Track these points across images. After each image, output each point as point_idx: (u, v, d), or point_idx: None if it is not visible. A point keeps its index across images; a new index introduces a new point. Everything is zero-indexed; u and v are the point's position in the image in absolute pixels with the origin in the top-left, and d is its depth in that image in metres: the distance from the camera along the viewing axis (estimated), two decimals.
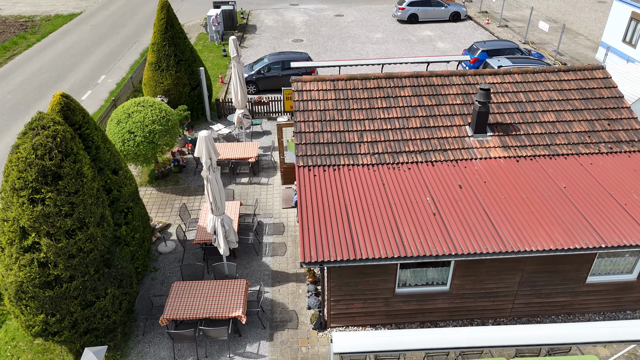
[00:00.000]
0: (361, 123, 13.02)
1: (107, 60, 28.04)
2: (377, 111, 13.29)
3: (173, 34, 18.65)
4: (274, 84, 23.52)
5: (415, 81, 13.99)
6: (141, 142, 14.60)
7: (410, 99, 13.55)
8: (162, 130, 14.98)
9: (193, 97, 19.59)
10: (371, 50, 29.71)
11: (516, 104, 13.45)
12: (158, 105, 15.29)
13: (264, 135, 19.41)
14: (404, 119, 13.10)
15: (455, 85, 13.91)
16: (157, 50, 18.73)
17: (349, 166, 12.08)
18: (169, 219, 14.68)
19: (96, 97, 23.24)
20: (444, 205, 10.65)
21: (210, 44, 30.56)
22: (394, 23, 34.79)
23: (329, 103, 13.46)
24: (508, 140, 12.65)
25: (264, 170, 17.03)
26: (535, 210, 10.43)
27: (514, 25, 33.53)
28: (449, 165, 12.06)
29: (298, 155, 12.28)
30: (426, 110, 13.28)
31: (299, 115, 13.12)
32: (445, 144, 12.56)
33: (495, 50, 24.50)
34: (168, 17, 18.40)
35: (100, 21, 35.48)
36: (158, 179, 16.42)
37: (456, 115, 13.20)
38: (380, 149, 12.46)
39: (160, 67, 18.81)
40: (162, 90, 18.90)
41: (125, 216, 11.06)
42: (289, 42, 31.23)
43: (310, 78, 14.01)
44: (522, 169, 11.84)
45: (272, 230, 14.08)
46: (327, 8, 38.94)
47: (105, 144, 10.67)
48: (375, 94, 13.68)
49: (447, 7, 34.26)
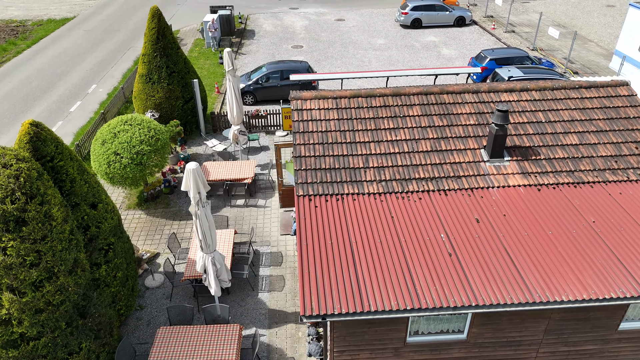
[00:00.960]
0: (366, 146, 11.92)
1: (98, 68, 26.93)
2: (383, 133, 12.19)
3: (165, 44, 17.54)
4: (272, 94, 22.42)
5: (424, 99, 12.89)
6: (128, 164, 13.50)
7: (420, 119, 12.45)
8: (151, 150, 13.87)
9: (186, 110, 18.49)
10: (373, 57, 28.64)
11: (535, 124, 12.36)
12: (147, 124, 14.19)
13: (261, 151, 18.31)
14: (413, 142, 12.00)
15: (468, 103, 12.82)
16: (147, 61, 17.63)
17: (354, 195, 10.98)
18: (157, 247, 13.57)
19: (85, 108, 22.13)
20: (460, 243, 9.55)
21: (206, 50, 29.46)
22: (397, 28, 33.71)
23: (331, 123, 12.36)
24: (527, 165, 11.55)
25: (261, 191, 15.93)
26: (562, 250, 9.33)
27: (521, 30, 32.44)
28: (463, 194, 10.96)
29: (297, 182, 11.18)
30: (437, 132, 12.18)
31: (298, 138, 12.02)
32: (459, 170, 11.46)
33: (504, 58, 23.40)
34: (159, 26, 17.30)
35: (94, 26, 34.37)
36: (147, 201, 15.31)
37: (470, 138, 12.10)
38: (387, 175, 11.36)
39: (151, 79, 17.71)
40: (153, 104, 17.79)
41: (105, 254, 9.96)
42: (288, 49, 30.15)
43: (310, 95, 12.91)
44: (544, 199, 10.74)
45: (269, 260, 12.98)
46: (328, 12, 37.86)
47: (83, 176, 9.57)
48: (382, 113, 12.58)
49: (452, 11, 33.18)
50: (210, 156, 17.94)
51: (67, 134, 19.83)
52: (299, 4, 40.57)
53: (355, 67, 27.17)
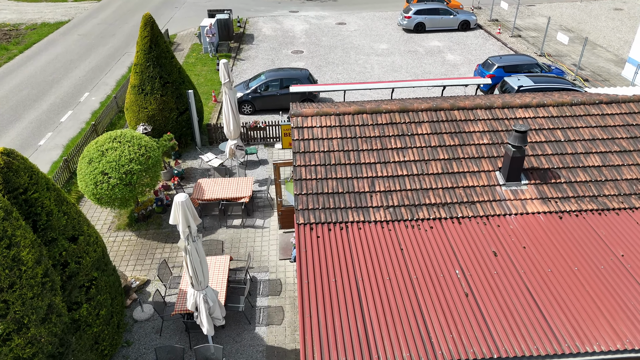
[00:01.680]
0: (372, 168, 11.04)
1: (92, 74, 26.04)
2: (390, 153, 11.31)
3: (158, 54, 16.66)
4: (271, 104, 21.55)
5: (434, 115, 12.01)
6: (116, 185, 12.61)
7: (430, 138, 11.57)
8: (142, 169, 12.98)
9: (181, 122, 17.60)
10: (376, 63, 27.76)
11: (553, 143, 11.48)
12: (137, 141, 13.30)
13: (259, 166, 17.42)
14: (423, 163, 11.12)
15: (481, 120, 11.94)
16: (140, 71, 16.74)
17: (359, 223, 10.10)
18: (148, 273, 12.69)
19: (77, 118, 21.25)
20: (477, 281, 8.67)
21: (204, 56, 28.59)
22: (400, 32, 32.83)
23: (334, 143, 11.48)
24: (547, 190, 10.67)
25: (260, 209, 15.04)
26: (591, 289, 8.45)
27: (527, 35, 31.56)
28: (478, 222, 10.07)
29: (298, 209, 10.30)
30: (448, 152, 11.30)
31: (298, 159, 11.14)
32: (473, 195, 10.58)
33: (513, 66, 22.51)
34: (152, 34, 16.41)
35: (88, 30, 33.49)
36: (139, 221, 14.43)
37: (484, 159, 11.22)
38: (395, 200, 10.48)
39: (143, 90, 16.82)
40: (145, 116, 16.90)
41: (87, 291, 9.08)
42: (288, 54, 29.27)
43: (311, 112, 12.03)
44: (567, 228, 9.86)
45: (267, 289, 12.09)
46: (329, 15, 36.98)
47: (61, 207, 8.68)
48: (388, 131, 11.70)
49: (456, 15, 32.30)
50: (206, 171, 17.06)
51: (57, 146, 18.95)
52: (299, 6, 39.72)
53: (357, 74, 26.30)
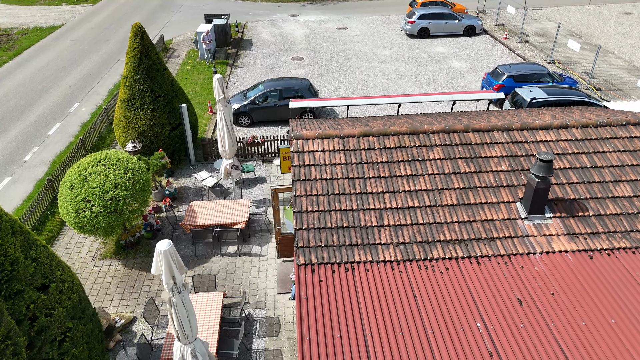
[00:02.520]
0: (380, 198, 10.01)
1: (83, 83, 25.00)
2: (400, 181, 10.28)
3: (149, 66, 15.62)
4: (270, 115, 20.51)
5: (447, 138, 10.98)
6: (100, 213, 11.57)
7: (443, 164, 10.54)
8: (128, 195, 11.95)
9: (174, 138, 16.56)
10: (379, 70, 26.73)
11: (579, 170, 10.44)
12: (123, 164, 12.26)
13: (257, 184, 16.38)
14: (436, 193, 10.09)
15: (499, 144, 10.90)
16: (129, 85, 15.70)
17: (367, 264, 9.06)
18: (135, 309, 11.65)
19: (65, 131, 20.21)
20: (501, 336, 7.64)
21: (200, 62, 27.56)
22: (403, 37, 31.80)
23: (338, 169, 10.45)
24: (574, 224, 9.63)
25: (257, 234, 14.00)
26: (632, 348, 7.42)
27: (535, 40, 30.53)
28: (499, 263, 9.04)
29: (298, 247, 9.26)
30: (463, 180, 10.27)
31: (299, 188, 10.10)
32: (492, 230, 9.54)
33: (523, 75, 21.47)
34: (142, 46, 15.37)
35: (81, 35, 32.45)
36: (126, 248, 13.39)
37: (502, 188, 10.18)
38: (406, 236, 9.44)
39: (133, 104, 15.78)
40: (135, 132, 15.86)
41: (60, 345, 8.04)
42: (287, 60, 28.25)
43: (313, 134, 10.99)
44: (598, 270, 8.82)
45: (264, 328, 11.05)
46: (329, 20, 35.95)
47: (29, 252, 7.65)
48: (397, 156, 10.67)
49: (461, 20, 31.27)
50: (199, 190, 16.02)
51: (42, 162, 17.90)
52: (299, 10, 38.69)
53: (360, 82, 25.27)
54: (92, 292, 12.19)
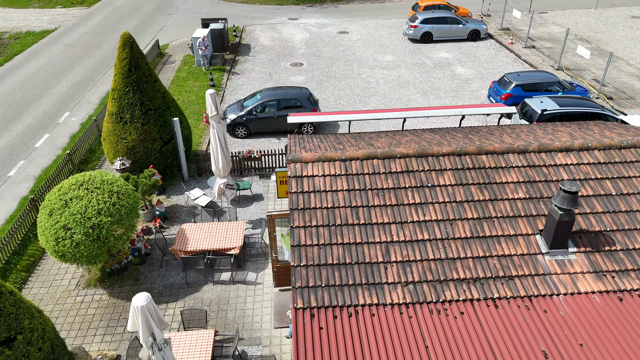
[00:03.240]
0: (386, 230, 9.11)
1: (74, 90, 24.09)
2: (407, 210, 9.38)
3: (138, 78, 14.72)
4: (268, 126, 19.61)
5: (458, 162, 10.09)
6: (81, 242, 10.67)
7: (454, 191, 9.64)
8: (113, 222, 11.04)
9: (165, 153, 15.66)
10: (381, 77, 25.84)
11: (603, 198, 9.55)
12: (108, 186, 11.36)
13: (253, 202, 15.48)
14: (447, 224, 9.19)
15: (515, 168, 10.01)
16: (118, 97, 14.80)
17: (372, 307, 8.16)
18: (119, 345, 10.75)
19: (53, 143, 19.30)
20: None
21: (196, 69, 26.65)
22: (405, 42, 30.90)
23: (340, 197, 9.55)
24: (600, 260, 8.73)
25: (252, 259, 13.11)
26: None
27: (541, 45, 29.63)
28: (519, 306, 8.14)
29: (295, 287, 8.37)
30: (477, 209, 9.37)
31: (297, 218, 9.21)
32: (510, 267, 8.64)
33: (532, 84, 20.58)
34: (132, 56, 14.47)
35: (75, 40, 31.55)
36: (113, 275, 12.49)
37: (520, 218, 9.29)
38: (415, 274, 8.55)
39: (122, 118, 14.88)
40: (124, 147, 14.96)
41: None
42: (286, 67, 27.35)
43: (312, 157, 10.10)
44: (630, 315, 7.93)
45: None
46: (330, 23, 35.04)
47: None
48: (404, 182, 9.77)
49: (466, 24, 30.37)
50: (192, 209, 15.12)
51: (28, 178, 17.00)
52: (298, 13, 37.79)
53: (361, 89, 24.38)
54: (73, 325, 11.28)
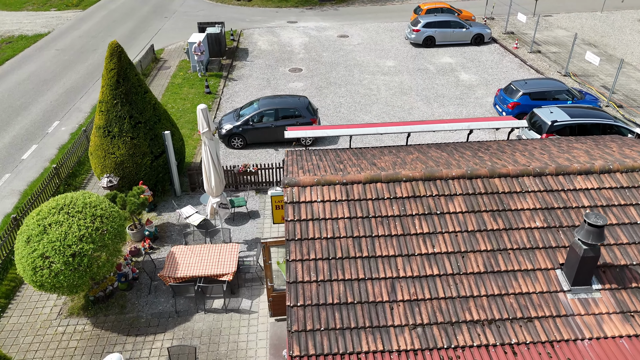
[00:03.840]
0: (392, 264, 8.31)
1: (65, 98, 23.28)
2: (415, 241, 8.58)
3: (127, 89, 13.91)
4: (265, 137, 18.82)
5: (469, 186, 9.28)
6: (61, 271, 9.86)
7: (465, 219, 8.84)
8: (95, 249, 10.23)
9: (156, 167, 14.85)
10: (382, 83, 25.03)
11: (628, 227, 8.74)
12: (90, 210, 10.55)
13: (249, 220, 14.67)
14: (458, 257, 8.39)
15: (531, 193, 9.20)
16: (106, 110, 14.00)
17: (377, 355, 7.36)
18: None
19: (41, 154, 18.49)
20: None
21: (192, 75, 25.84)
22: (407, 47, 30.09)
23: (341, 226, 8.75)
24: (627, 299, 7.93)
25: (247, 283, 12.31)
26: None
27: (547, 50, 28.82)
28: (541, 354, 7.33)
29: (291, 331, 7.56)
30: (491, 240, 8.57)
31: (293, 250, 8.40)
32: (529, 307, 7.84)
33: (540, 92, 19.77)
34: (120, 67, 13.67)
35: (68, 44, 30.74)
36: (97, 303, 11.68)
37: (538, 250, 8.49)
38: (424, 315, 7.74)
39: (110, 132, 14.08)
40: (112, 163, 14.15)
41: None
42: (285, 72, 26.55)
43: (311, 181, 9.29)
44: None
45: None
46: (329, 27, 34.23)
47: None
48: (411, 209, 8.97)
49: (469, 28, 29.56)
50: (184, 228, 14.31)
51: (13, 193, 16.19)
52: (298, 16, 36.98)
53: (362, 96, 23.58)
54: None
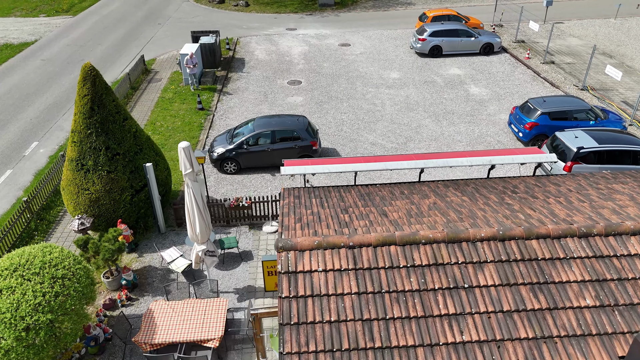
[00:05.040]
0: (411, 356, 6.70)
1: (47, 115, 21.68)
2: (439, 325, 6.97)
3: (103, 117, 12.31)
4: (261, 161, 17.24)
5: (501, 250, 7.68)
6: (12, 349, 8.24)
7: (499, 294, 7.24)
8: (54, 319, 8.61)
9: (138, 203, 13.25)
10: (387, 98, 23.43)
11: None
12: (50, 271, 8.94)
13: (241, 262, 13.06)
14: (493, 347, 6.78)
15: (576, 259, 7.60)
16: (79, 141, 12.41)
17: None
18: None
19: (15, 182, 16.87)
20: None
21: (184, 89, 24.24)
22: (413, 56, 28.49)
23: (347, 304, 7.14)
24: None
25: (237, 346, 10.68)
26: None
27: (561, 61, 27.21)
28: None
29: None
30: (532, 324, 6.96)
31: (289, 340, 6.79)
32: None
33: (560, 112, 18.15)
34: (94, 92, 12.07)
35: (55, 53, 29.14)
36: None
37: (591, 338, 6.89)
38: None
39: (84, 165, 12.48)
40: (87, 199, 12.55)
41: None
42: (284, 85, 24.94)
43: (310, 244, 7.68)
44: None
45: None
46: (330, 34, 32.62)
47: None
48: (432, 281, 7.37)
49: (478, 37, 27.95)
50: (167, 273, 12.69)
51: None
52: (297, 23, 35.38)
53: (366, 112, 21.98)
54: None
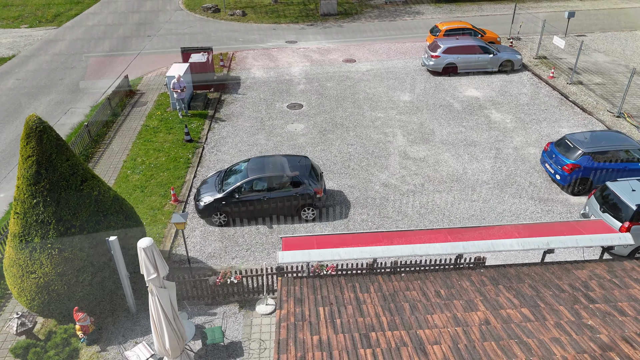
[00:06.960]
0: None
1: (12, 149, 19.11)
2: None
3: (53, 183, 9.73)
4: (254, 212, 14.68)
5: None
6: None
7: None
8: None
9: (101, 282, 10.67)
10: (398, 125, 20.85)
11: None
12: None
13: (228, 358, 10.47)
14: None
15: None
16: (22, 212, 9.82)
17: None
18: None
19: None
20: None
21: (171, 114, 21.66)
22: (425, 75, 25.89)
23: None
24: None
25: None
26: None
27: (589, 81, 24.60)
28: None
29: None
30: None
31: None
32: None
33: (605, 152, 15.57)
34: (41, 152, 9.49)
35: (32, 71, 26.55)
36: None
37: None
38: None
39: (29, 243, 9.89)
40: (33, 285, 9.98)
41: None
42: (283, 109, 22.37)
43: None
44: None
45: None
46: (334, 48, 30.01)
47: None
48: None
49: (497, 54, 25.33)
50: None
51: None
52: (297, 34, 32.77)
53: (375, 144, 19.42)
54: None
